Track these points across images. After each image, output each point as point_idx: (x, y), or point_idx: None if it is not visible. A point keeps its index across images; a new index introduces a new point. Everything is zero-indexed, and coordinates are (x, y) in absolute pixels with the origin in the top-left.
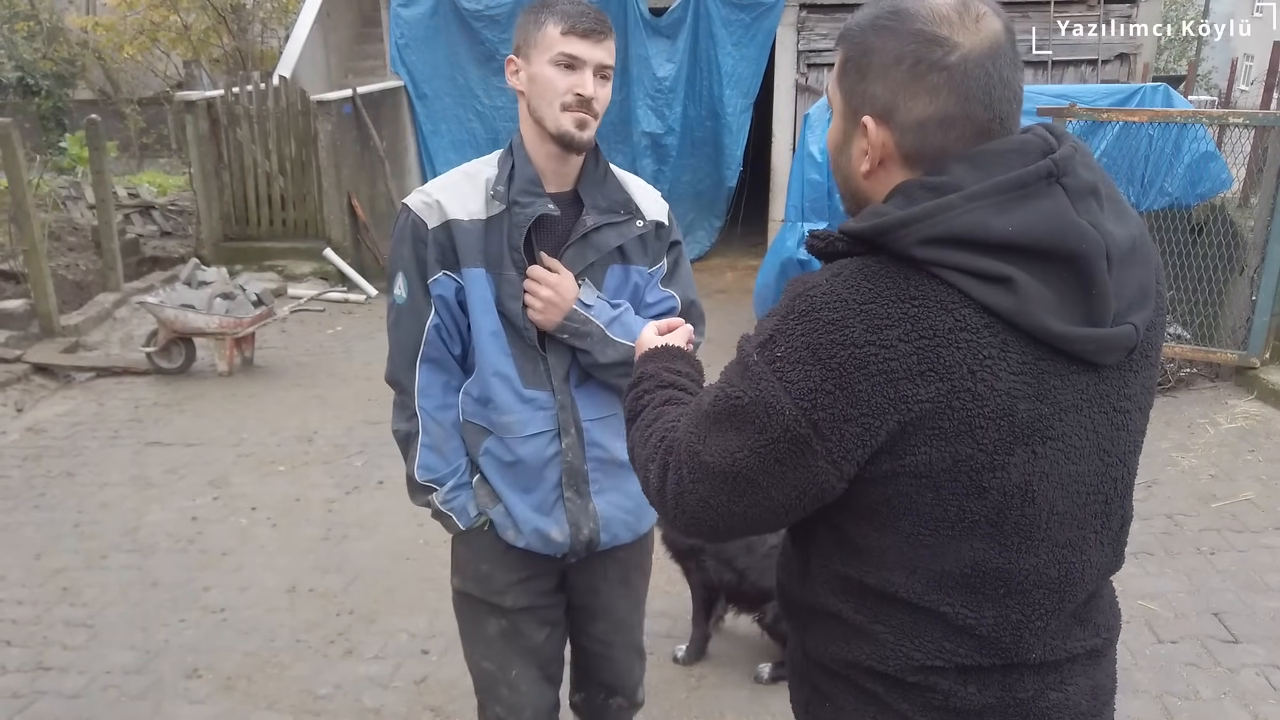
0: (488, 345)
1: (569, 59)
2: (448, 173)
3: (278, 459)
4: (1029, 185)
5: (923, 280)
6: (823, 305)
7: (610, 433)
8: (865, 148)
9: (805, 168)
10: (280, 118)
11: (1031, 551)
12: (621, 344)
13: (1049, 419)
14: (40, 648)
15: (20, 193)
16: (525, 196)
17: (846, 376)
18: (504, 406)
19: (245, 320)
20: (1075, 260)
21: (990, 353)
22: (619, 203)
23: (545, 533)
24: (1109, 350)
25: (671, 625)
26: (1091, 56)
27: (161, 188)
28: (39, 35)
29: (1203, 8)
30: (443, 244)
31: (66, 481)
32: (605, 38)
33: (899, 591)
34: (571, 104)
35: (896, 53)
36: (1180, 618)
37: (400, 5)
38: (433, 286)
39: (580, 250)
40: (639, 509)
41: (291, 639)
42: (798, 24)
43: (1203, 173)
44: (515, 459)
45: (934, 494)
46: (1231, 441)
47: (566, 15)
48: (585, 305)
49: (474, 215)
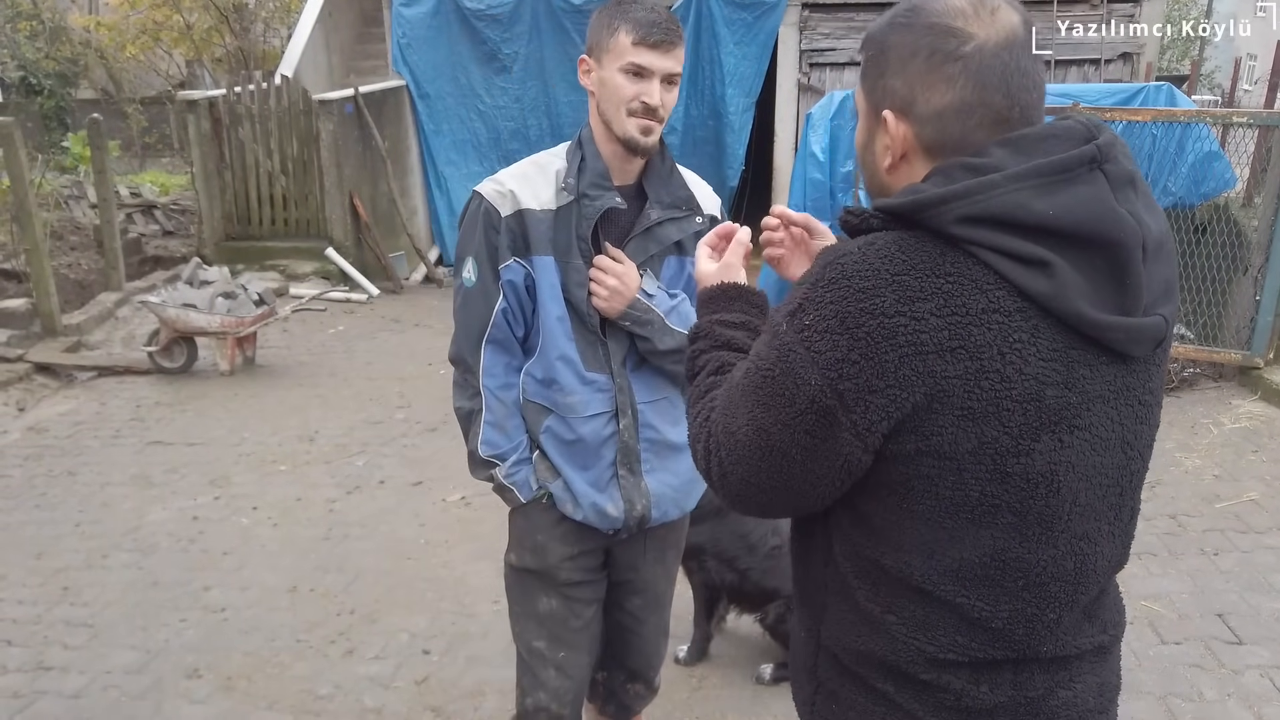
0: (554, 329)
1: (638, 68)
2: (518, 163)
3: (279, 458)
4: (1072, 169)
5: (958, 258)
6: (854, 273)
7: (662, 415)
8: (887, 142)
9: (807, 167)
10: (282, 117)
11: (1051, 543)
12: (678, 332)
13: (1077, 408)
14: (41, 647)
15: (22, 192)
16: (594, 189)
17: (874, 346)
18: (568, 388)
19: (247, 320)
20: (1113, 248)
21: (1021, 336)
22: (682, 199)
23: (602, 507)
24: (1138, 341)
25: (673, 625)
26: (1095, 56)
27: (164, 187)
28: (42, 35)
29: (1205, 7)
30: (515, 231)
31: (68, 481)
32: (675, 46)
33: (915, 577)
34: (638, 110)
35: (912, 46)
36: (1184, 619)
37: (402, 5)
38: (504, 272)
39: (643, 242)
40: (687, 487)
41: (292, 639)
42: (800, 23)
43: (1206, 172)
44: (576, 438)
45: (956, 476)
46: (1235, 442)
47: (639, 25)
48: (648, 295)
49: (545, 205)
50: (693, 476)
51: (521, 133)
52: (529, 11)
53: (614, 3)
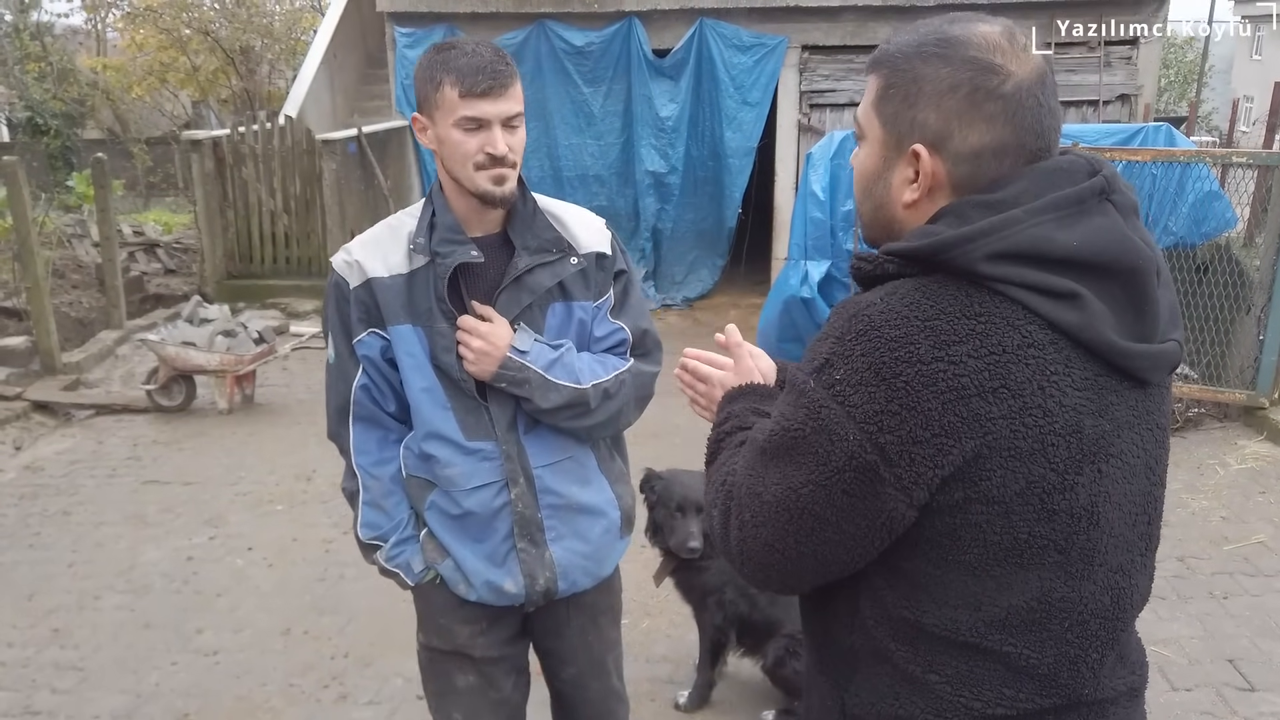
0: (421, 402)
1: (473, 120)
2: (374, 226)
3: (275, 498)
4: (1085, 201)
5: (985, 297)
6: (883, 323)
7: (566, 477)
8: (910, 176)
9: (808, 206)
10: (285, 156)
11: (1091, 578)
12: (565, 387)
13: (1110, 436)
14: (29, 691)
15: (24, 230)
16: (446, 246)
17: (914, 395)
18: (445, 460)
19: (246, 357)
20: (1132, 275)
21: (1056, 369)
22: (550, 241)
23: (498, 585)
24: (1158, 367)
25: (673, 670)
26: (1093, 97)
27: (167, 226)
28: (50, 76)
29: (1202, 50)
30: (365, 303)
31: (62, 520)
32: (506, 89)
33: (960, 632)
34: (484, 163)
35: (951, 80)
36: (1194, 664)
37: (406, 46)
38: (358, 347)
39: (514, 294)
40: (599, 553)
41: (285, 682)
42: (800, 65)
43: (1207, 212)
44: (463, 511)
45: (1004, 520)
46: (1242, 483)
47: (462, 75)
48: (520, 352)
49: (395, 270)
50: (605, 541)
51: (523, 172)
52: (531, 54)
53: (433, 51)
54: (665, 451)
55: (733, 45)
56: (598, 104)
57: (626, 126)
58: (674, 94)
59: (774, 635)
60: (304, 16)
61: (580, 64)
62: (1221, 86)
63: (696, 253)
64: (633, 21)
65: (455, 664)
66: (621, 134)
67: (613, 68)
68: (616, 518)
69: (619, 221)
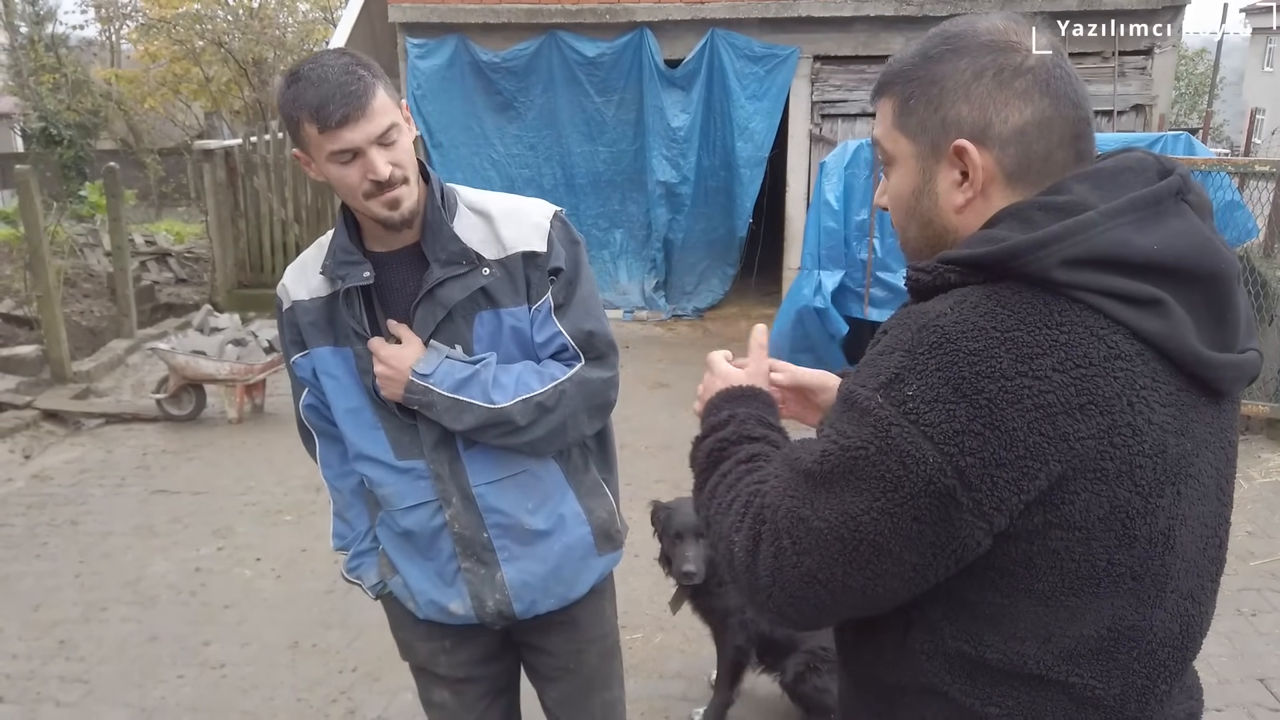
0: (346, 424)
1: (344, 153)
2: (309, 247)
3: (284, 508)
4: (1163, 202)
5: (1064, 305)
6: (957, 335)
7: (513, 495)
8: (957, 179)
9: (822, 215)
10: (297, 166)
11: (1161, 604)
12: (478, 407)
13: (1191, 456)
14: (33, 704)
15: (36, 239)
16: (342, 268)
17: (998, 413)
18: (376, 480)
19: (256, 367)
20: (1214, 280)
21: (1145, 383)
22: (457, 253)
23: (443, 605)
24: (1239, 378)
25: (687, 687)
26: (1107, 108)
27: (179, 235)
28: (64, 87)
29: (1213, 62)
30: (294, 325)
31: (70, 530)
32: (364, 108)
33: (1027, 664)
34: (372, 191)
35: (974, 68)
36: (1224, 684)
37: (418, 57)
38: (294, 368)
39: (429, 308)
40: (562, 573)
41: (292, 697)
42: (812, 75)
43: (1228, 222)
44: (403, 530)
45: (1084, 547)
46: (1267, 497)
47: (313, 110)
48: (422, 375)
49: (315, 293)
50: (570, 559)
51: (535, 181)
52: (544, 63)
53: (284, 84)
54: (678, 464)
55: (744, 56)
56: (609, 114)
57: (638, 136)
58: (685, 104)
59: (794, 651)
60: (316, 28)
61: (592, 74)
62: (1232, 99)
63: (707, 263)
64: (644, 32)
65: (428, 679)
66: (633, 143)
67: (624, 78)
68: (585, 534)
69: (631, 230)
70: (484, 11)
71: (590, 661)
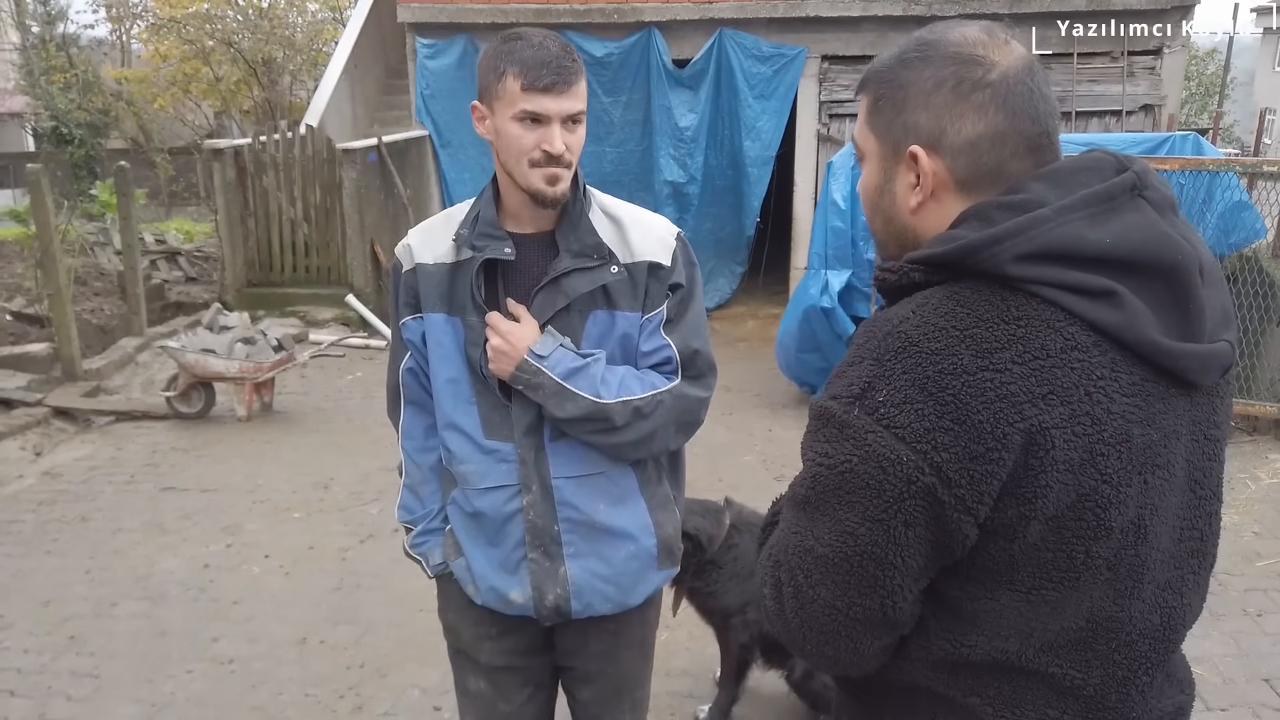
0: (443, 392)
1: (533, 115)
2: (437, 214)
3: (293, 506)
4: (1116, 198)
5: (1021, 300)
6: (920, 337)
7: (590, 493)
8: (912, 181)
9: (829, 215)
10: (306, 165)
11: (1139, 595)
12: (582, 398)
13: (1157, 445)
14: (44, 698)
15: (47, 238)
16: (482, 240)
17: (964, 407)
18: (460, 455)
19: (265, 365)
20: (1172, 272)
21: (1103, 373)
22: (591, 246)
23: (504, 593)
24: (1208, 369)
25: (693, 684)
26: (1116, 108)
27: (189, 234)
28: (74, 87)
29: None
30: (412, 287)
31: (80, 527)
32: (570, 86)
33: (1009, 658)
34: (540, 160)
35: (935, 78)
36: (1229, 683)
37: (426, 57)
38: (403, 330)
39: (550, 295)
40: (622, 579)
41: (300, 693)
42: (820, 75)
43: (1235, 222)
44: (475, 511)
45: (1058, 537)
46: (1274, 497)
47: (527, 67)
48: (538, 356)
49: (440, 259)
50: (632, 568)
51: None
52: None
53: (500, 40)
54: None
55: (752, 55)
56: (617, 113)
57: (646, 136)
58: (693, 104)
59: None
60: (325, 28)
61: (600, 74)
62: (1243, 99)
63: (715, 262)
64: (652, 32)
65: (468, 665)
66: (640, 143)
67: (632, 78)
68: (650, 545)
69: None
70: (492, 11)
71: (627, 665)
